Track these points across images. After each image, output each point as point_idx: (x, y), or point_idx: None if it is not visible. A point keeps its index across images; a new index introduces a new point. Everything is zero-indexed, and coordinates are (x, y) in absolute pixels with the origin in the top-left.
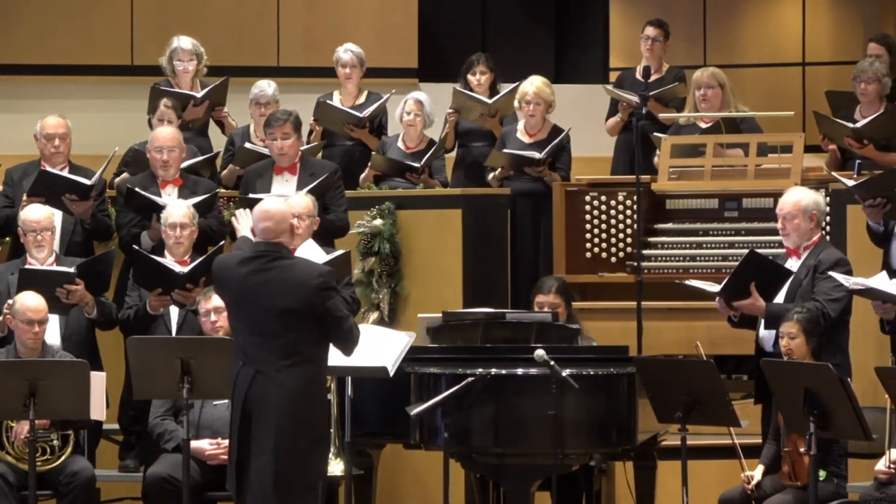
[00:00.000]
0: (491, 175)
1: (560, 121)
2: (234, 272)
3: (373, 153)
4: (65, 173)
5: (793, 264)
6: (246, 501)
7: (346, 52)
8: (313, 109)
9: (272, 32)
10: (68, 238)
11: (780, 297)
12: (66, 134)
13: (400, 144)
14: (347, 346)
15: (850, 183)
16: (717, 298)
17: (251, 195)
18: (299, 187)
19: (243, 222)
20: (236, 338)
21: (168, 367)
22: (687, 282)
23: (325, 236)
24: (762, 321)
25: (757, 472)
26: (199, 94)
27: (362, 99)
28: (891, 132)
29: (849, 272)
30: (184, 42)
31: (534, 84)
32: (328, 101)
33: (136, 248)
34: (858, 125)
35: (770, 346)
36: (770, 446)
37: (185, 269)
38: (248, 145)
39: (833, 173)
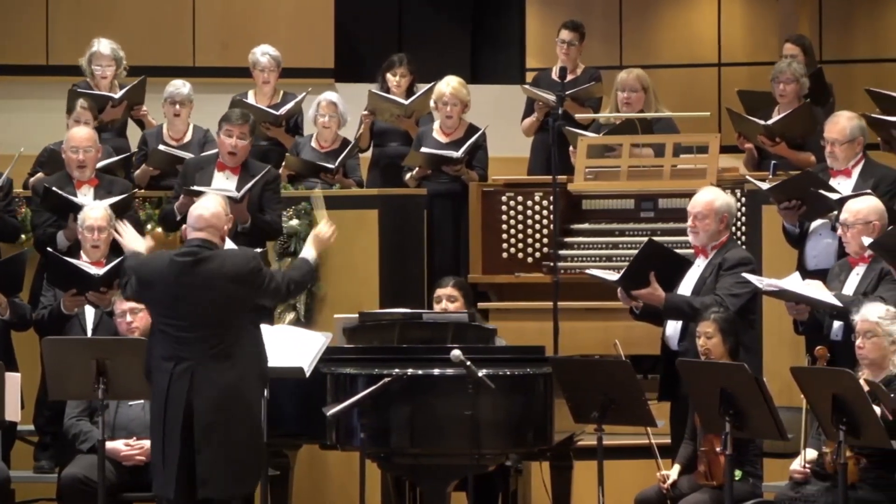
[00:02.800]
0: (408, 175)
1: (476, 121)
2: (162, 273)
3: (286, 154)
4: None
5: (700, 263)
6: (187, 500)
7: (264, 55)
8: (229, 107)
9: (188, 32)
10: None
11: (686, 292)
12: None
13: (314, 144)
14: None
15: (765, 185)
16: (619, 289)
17: (197, 188)
18: (239, 187)
19: (127, 235)
20: (166, 338)
21: (83, 367)
22: (588, 271)
23: (259, 237)
24: (667, 323)
25: (673, 472)
26: (118, 96)
27: (278, 99)
28: (804, 130)
29: (753, 271)
30: (103, 47)
31: (450, 84)
32: (244, 100)
33: (50, 250)
34: (770, 122)
35: (676, 344)
36: (686, 446)
37: (101, 272)
38: (162, 148)
39: (747, 176)
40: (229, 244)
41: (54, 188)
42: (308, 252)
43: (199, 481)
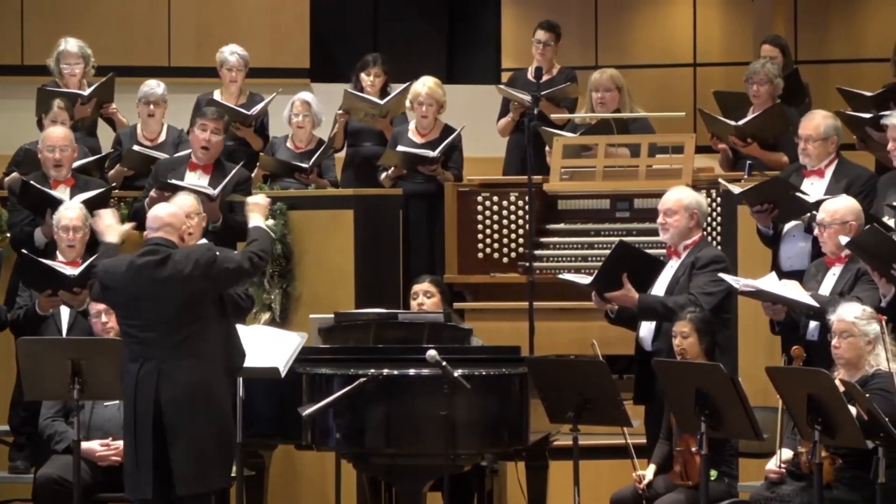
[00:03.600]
0: (384, 175)
1: (452, 121)
2: (123, 274)
3: (261, 154)
4: None
5: (673, 264)
6: (164, 500)
7: (232, 54)
8: (200, 106)
9: (163, 32)
10: None
11: (659, 293)
12: None
13: (289, 145)
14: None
15: (737, 190)
16: (593, 293)
17: (174, 181)
18: (212, 186)
19: (103, 221)
20: (131, 338)
21: (58, 368)
22: (561, 275)
23: (228, 237)
24: (641, 323)
25: (648, 472)
26: (86, 93)
27: (244, 99)
28: (775, 130)
29: (725, 270)
30: (70, 45)
31: (426, 85)
32: (215, 99)
33: (25, 251)
34: (741, 123)
35: (650, 345)
36: (662, 446)
37: (76, 272)
38: (136, 148)
39: (720, 179)
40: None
41: (32, 182)
42: (255, 220)
43: (175, 479)
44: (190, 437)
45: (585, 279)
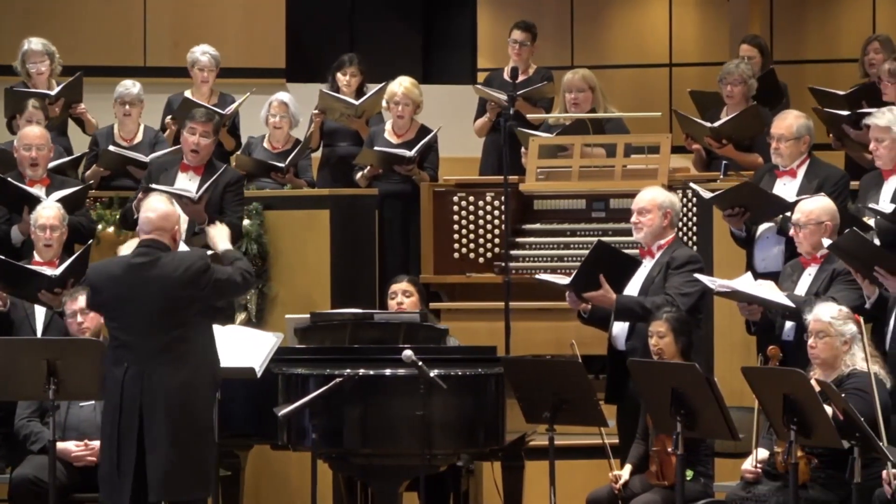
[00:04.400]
0: (359, 174)
1: (428, 121)
2: (114, 275)
3: (237, 154)
4: None
5: (647, 264)
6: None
7: (204, 54)
8: (171, 106)
9: (139, 32)
10: None
11: (633, 293)
12: None
13: (266, 145)
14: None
15: (708, 195)
16: (568, 292)
17: (157, 186)
18: (202, 187)
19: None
20: (116, 341)
21: (34, 368)
22: (538, 275)
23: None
24: (614, 322)
25: (624, 472)
26: (54, 92)
27: (215, 100)
28: (751, 132)
29: (700, 270)
30: (34, 44)
31: (402, 85)
32: (190, 98)
33: (2, 257)
34: (716, 124)
35: (623, 344)
36: (638, 445)
37: (56, 272)
38: (112, 148)
39: (692, 184)
40: (182, 246)
41: (9, 178)
42: (225, 245)
43: (149, 486)
44: (168, 444)
45: (564, 279)
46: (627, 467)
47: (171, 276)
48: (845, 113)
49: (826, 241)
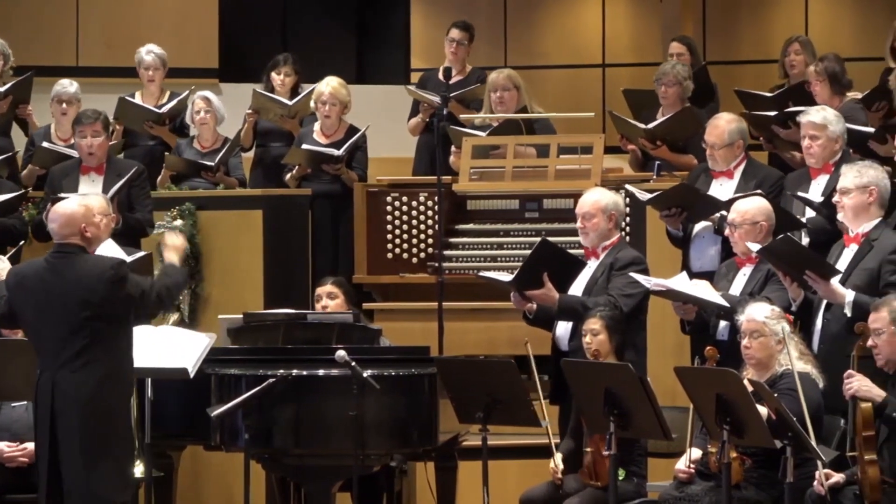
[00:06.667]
0: (288, 175)
1: (362, 121)
2: (29, 279)
3: (166, 154)
4: None
5: (592, 264)
6: None
7: (149, 53)
8: (115, 107)
9: (71, 32)
10: None
11: (577, 293)
12: None
13: (195, 145)
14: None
15: (644, 197)
16: (512, 292)
17: (63, 195)
18: (106, 188)
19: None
20: (33, 342)
21: None
22: (480, 273)
23: (130, 235)
24: (558, 322)
25: (558, 460)
26: (3, 88)
27: (164, 99)
28: (686, 133)
29: (644, 271)
30: None
31: (329, 85)
32: (128, 98)
33: None
34: (651, 126)
35: (566, 344)
36: (568, 441)
37: None
38: (46, 145)
39: (627, 186)
40: (112, 245)
41: None
42: (170, 258)
43: (65, 492)
44: (81, 449)
45: (506, 277)
46: (558, 455)
47: (79, 282)
48: (773, 114)
49: (754, 246)
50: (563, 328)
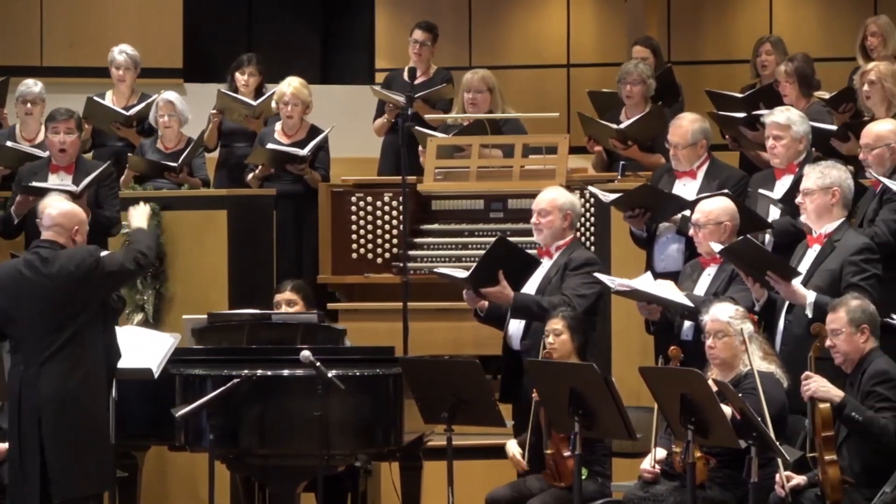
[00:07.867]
0: (251, 175)
1: (326, 122)
2: (5, 277)
3: (129, 154)
4: None
5: (545, 264)
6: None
7: (121, 53)
8: (84, 107)
9: (35, 32)
10: None
11: (530, 292)
12: None
13: (158, 146)
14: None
15: (608, 198)
16: (465, 289)
17: (35, 184)
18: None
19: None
20: (13, 341)
21: None
22: (436, 269)
23: (98, 233)
24: (510, 321)
25: (513, 447)
26: None
27: (135, 100)
28: (654, 133)
29: (600, 272)
30: None
31: (291, 85)
32: (96, 98)
33: None
34: (622, 126)
35: (518, 343)
36: (525, 434)
37: None
38: (11, 144)
39: (590, 187)
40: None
41: None
42: (138, 223)
43: (52, 485)
44: (65, 443)
45: (462, 273)
46: (513, 442)
47: (60, 275)
48: (740, 115)
49: (717, 247)
50: (515, 327)
